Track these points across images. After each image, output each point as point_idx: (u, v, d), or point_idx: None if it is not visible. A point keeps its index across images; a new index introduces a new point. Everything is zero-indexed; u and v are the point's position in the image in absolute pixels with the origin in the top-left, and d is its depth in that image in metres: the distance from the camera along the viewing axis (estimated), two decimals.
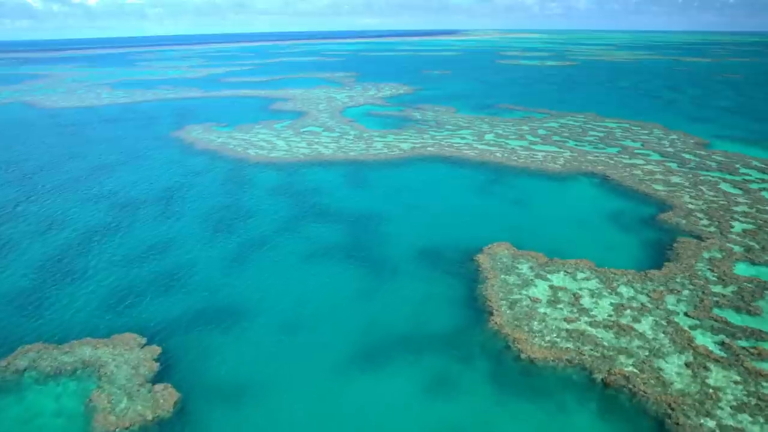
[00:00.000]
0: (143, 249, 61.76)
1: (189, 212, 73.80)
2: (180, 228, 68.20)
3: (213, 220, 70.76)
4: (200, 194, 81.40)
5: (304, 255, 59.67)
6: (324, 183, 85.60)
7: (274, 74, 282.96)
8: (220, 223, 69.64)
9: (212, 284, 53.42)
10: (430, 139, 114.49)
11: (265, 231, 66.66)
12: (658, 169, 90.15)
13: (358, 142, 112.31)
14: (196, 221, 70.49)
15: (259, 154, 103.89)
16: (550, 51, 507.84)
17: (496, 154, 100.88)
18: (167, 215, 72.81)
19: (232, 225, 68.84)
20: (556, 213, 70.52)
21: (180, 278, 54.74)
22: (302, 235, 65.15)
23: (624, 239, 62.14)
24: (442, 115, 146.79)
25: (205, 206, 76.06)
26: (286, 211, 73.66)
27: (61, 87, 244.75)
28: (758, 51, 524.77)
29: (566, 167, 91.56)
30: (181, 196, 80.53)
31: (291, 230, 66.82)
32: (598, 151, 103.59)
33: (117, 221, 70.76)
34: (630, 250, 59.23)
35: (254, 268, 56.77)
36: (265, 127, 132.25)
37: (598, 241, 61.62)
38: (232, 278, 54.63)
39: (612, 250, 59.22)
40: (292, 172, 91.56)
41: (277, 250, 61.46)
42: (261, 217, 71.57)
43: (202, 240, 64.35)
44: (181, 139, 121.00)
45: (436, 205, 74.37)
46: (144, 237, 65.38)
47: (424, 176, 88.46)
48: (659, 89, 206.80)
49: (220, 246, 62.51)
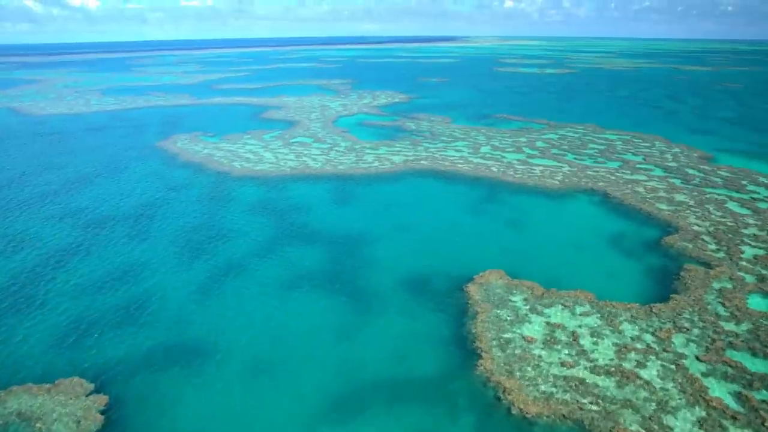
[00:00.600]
0: (103, 275, 57.08)
1: (160, 232, 69.16)
2: (147, 250, 63.54)
3: (184, 241, 66.14)
4: (175, 212, 76.80)
5: (281, 283, 55.07)
6: (309, 199, 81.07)
7: (269, 81, 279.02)
8: (192, 245, 65.01)
9: (176, 318, 48.77)
10: (423, 152, 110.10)
11: (241, 254, 62.04)
12: (661, 186, 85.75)
13: (348, 155, 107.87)
14: (166, 243, 65.85)
15: (244, 167, 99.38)
16: (550, 58, 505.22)
17: (491, 169, 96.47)
18: (135, 235, 68.16)
19: (205, 247, 64.21)
20: (553, 235, 65.99)
21: (140, 311, 50.07)
22: (280, 260, 60.56)
23: (626, 266, 57.59)
24: (437, 125, 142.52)
25: (178, 226, 71.44)
26: (266, 231, 69.09)
27: (51, 93, 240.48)
28: (758, 60, 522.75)
29: (565, 183, 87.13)
30: (155, 214, 75.92)
31: (269, 254, 62.21)
32: (599, 165, 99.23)
33: (80, 242, 66.08)
34: (633, 279, 54.68)
35: (225, 299, 52.16)
36: (254, 137, 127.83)
37: (599, 268, 57.07)
38: (198, 311, 49.98)
39: (614, 278, 54.69)
40: (277, 187, 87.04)
41: (252, 277, 56.87)
42: (237, 238, 66.97)
43: (170, 265, 59.71)
44: (165, 149, 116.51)
45: (426, 226, 69.82)
46: (106, 261, 60.68)
47: (415, 193, 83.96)
48: (659, 99, 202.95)
49: (190, 272, 57.88)
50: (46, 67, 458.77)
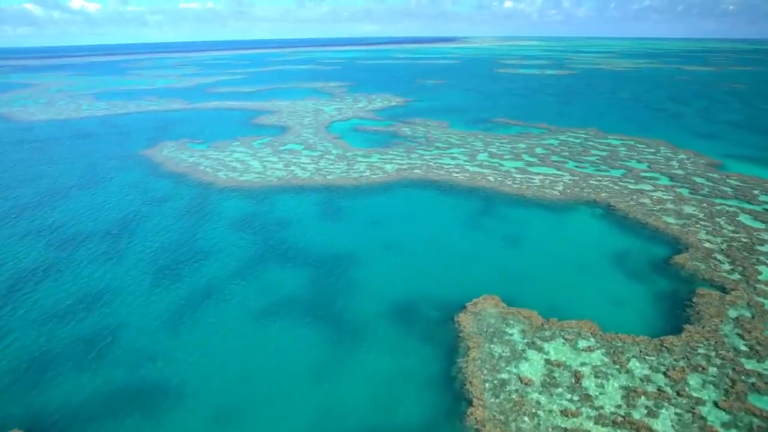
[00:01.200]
0: (67, 302, 52.53)
1: (135, 252, 64.56)
2: (120, 273, 58.97)
3: (160, 262, 61.55)
4: (153, 228, 72.22)
5: (259, 312, 50.45)
6: (293, 214, 76.46)
7: (265, 84, 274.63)
8: (168, 266, 60.41)
9: (142, 353, 44.17)
10: (417, 160, 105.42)
11: (217, 277, 57.45)
12: (669, 197, 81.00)
13: (338, 163, 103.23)
14: (140, 264, 61.28)
15: (229, 178, 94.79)
16: (550, 59, 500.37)
17: (488, 178, 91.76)
18: (109, 256, 63.57)
19: (181, 269, 59.61)
20: (553, 254, 61.26)
21: (103, 345, 45.49)
22: (259, 284, 55.95)
23: (633, 290, 52.84)
24: (433, 130, 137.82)
25: (154, 244, 66.85)
26: (246, 250, 64.48)
27: (43, 97, 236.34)
28: (761, 59, 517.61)
29: (566, 194, 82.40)
30: (132, 231, 71.36)
31: (247, 276, 57.60)
32: (601, 173, 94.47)
33: (49, 263, 61.53)
34: (641, 306, 49.96)
35: (197, 331, 47.55)
36: (243, 144, 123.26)
37: (603, 292, 52.36)
38: (168, 345, 45.37)
39: (620, 305, 49.99)
40: (261, 200, 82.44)
41: (228, 304, 52.29)
42: (215, 258, 62.36)
43: (141, 290, 55.14)
44: (149, 158, 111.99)
45: (417, 244, 65.11)
46: (72, 285, 56.14)
47: (407, 206, 79.26)
48: (662, 100, 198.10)
49: (161, 298, 53.29)
50: (43, 71, 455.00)
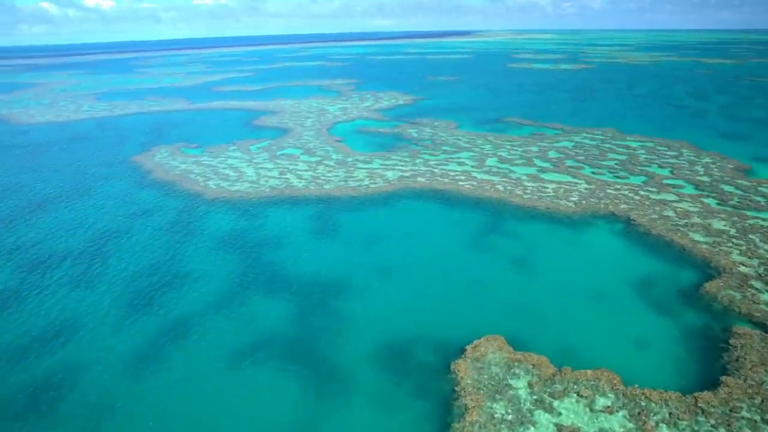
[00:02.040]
0: (26, 339, 47.20)
1: (108, 277, 59.12)
2: (88, 303, 53.58)
3: (133, 289, 56.04)
4: (131, 248, 66.78)
5: (232, 354, 44.62)
6: (284, 231, 70.55)
7: (271, 82, 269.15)
8: (141, 294, 54.90)
9: (96, 405, 38.59)
10: (422, 165, 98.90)
11: (193, 309, 51.76)
12: (695, 209, 73.73)
13: (337, 170, 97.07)
14: (111, 291, 55.84)
15: (220, 188, 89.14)
16: (564, 53, 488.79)
17: (497, 187, 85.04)
18: (80, 281, 58.22)
19: (155, 298, 54.05)
20: (567, 282, 54.61)
21: (54, 393, 40.00)
22: (238, 319, 50.14)
23: (659, 329, 46.10)
24: (440, 131, 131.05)
25: (130, 267, 61.37)
26: (228, 276, 58.70)
27: (46, 98, 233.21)
28: None
29: (581, 206, 75.45)
30: (108, 251, 65.97)
31: (225, 309, 51.81)
32: (620, 181, 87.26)
33: (13, 290, 56.31)
34: (668, 349, 43.25)
35: (164, 375, 41.94)
36: (240, 148, 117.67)
37: (624, 331, 45.70)
38: (126, 394, 39.76)
39: (643, 348, 43.35)
40: (250, 215, 76.65)
41: (203, 340, 46.64)
42: (194, 285, 56.68)
43: (108, 324, 49.66)
44: (140, 165, 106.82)
45: (414, 268, 58.81)
46: (35, 318, 50.84)
47: (406, 221, 72.89)
48: (682, 96, 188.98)
49: (128, 335, 47.72)
50: (52, 70, 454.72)
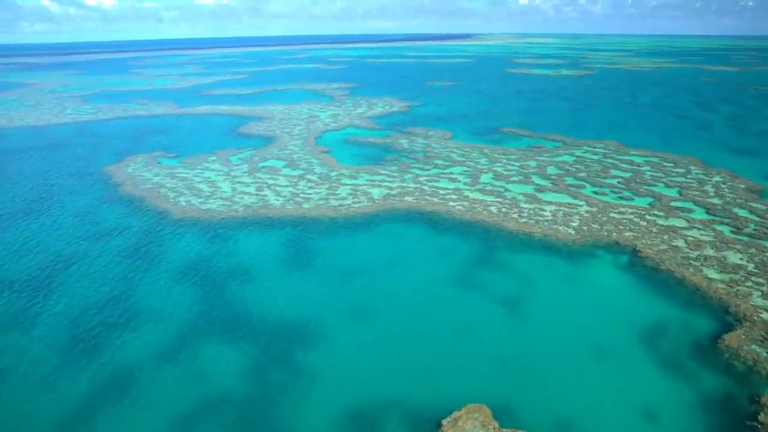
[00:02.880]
0: None
1: (50, 314, 52.25)
2: (21, 348, 46.82)
3: (77, 331, 49.21)
4: (84, 278, 59.85)
5: (176, 419, 37.90)
6: (253, 259, 63.65)
7: (265, 85, 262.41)
8: (85, 337, 48.10)
9: None
10: (411, 182, 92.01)
11: (139, 358, 44.95)
12: (707, 237, 66.95)
13: (319, 186, 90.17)
14: (51, 334, 49.05)
15: (190, 205, 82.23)
16: (565, 58, 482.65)
17: (490, 209, 78.21)
18: (18, 320, 51.35)
19: (100, 343, 47.24)
20: (564, 331, 47.73)
21: None
22: (188, 371, 43.35)
23: (670, 395, 39.24)
24: (434, 142, 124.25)
25: (77, 302, 54.48)
26: (184, 314, 51.83)
27: (32, 99, 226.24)
28: None
29: (582, 233, 68.60)
30: (56, 282, 59.05)
31: (176, 358, 44.99)
32: (624, 203, 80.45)
33: None
34: (682, 425, 36.34)
35: None
36: (220, 159, 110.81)
37: (629, 399, 38.85)
38: None
39: (652, 422, 36.47)
40: (219, 239, 69.75)
41: (141, 397, 40.11)
42: (146, 326, 49.82)
43: (45, 372, 43.13)
44: (110, 176, 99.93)
45: (392, 311, 51.88)
46: None
47: (389, 249, 65.90)
48: (687, 106, 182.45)
49: (59, 393, 40.91)
50: (47, 69, 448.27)
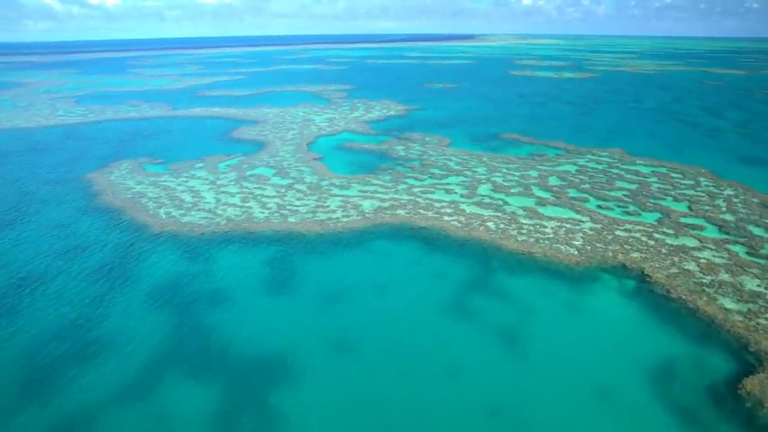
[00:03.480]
0: None
1: (7, 345, 47.64)
2: None
3: (32, 365, 44.76)
4: (48, 301, 55.29)
5: None
6: (230, 280, 58.99)
7: (262, 87, 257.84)
8: (39, 373, 43.63)
9: None
10: (404, 193, 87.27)
11: (97, 398, 40.47)
12: (721, 260, 62.12)
13: (308, 198, 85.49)
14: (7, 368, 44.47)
15: (170, 218, 77.62)
16: (568, 59, 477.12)
17: (488, 224, 73.45)
18: None
19: (55, 379, 42.76)
20: (565, 370, 42.97)
21: None
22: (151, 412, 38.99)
23: None
24: (431, 149, 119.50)
25: (37, 330, 49.86)
26: (151, 346, 47.25)
27: (24, 100, 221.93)
28: None
29: (586, 254, 63.78)
30: (16, 305, 54.43)
31: (137, 398, 40.48)
32: (631, 218, 75.63)
33: None
34: None
35: None
36: (207, 166, 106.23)
37: None
38: None
39: None
40: (197, 256, 65.11)
41: None
42: (109, 359, 45.28)
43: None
44: (92, 184, 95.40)
45: (379, 345, 47.17)
46: None
47: (377, 271, 61.18)
48: (694, 112, 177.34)
49: None
50: (45, 68, 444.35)
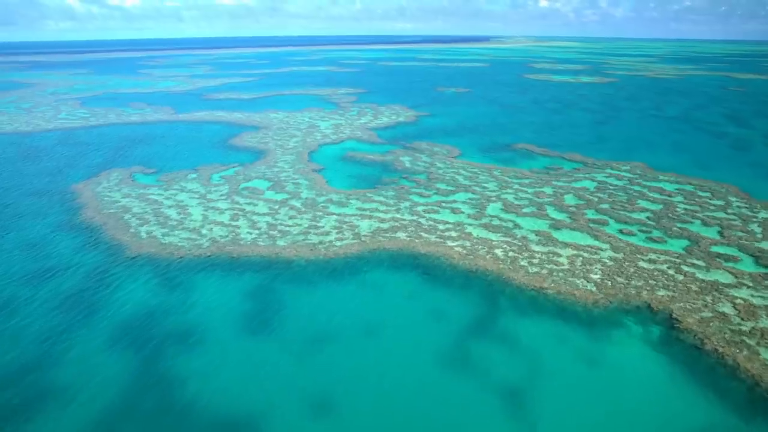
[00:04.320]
0: None
1: None
2: None
3: None
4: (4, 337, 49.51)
5: None
6: (206, 317, 52.75)
7: (271, 89, 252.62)
8: None
9: None
10: (407, 212, 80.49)
11: None
12: (761, 301, 54.53)
13: (302, 216, 79.12)
14: None
15: (151, 237, 71.72)
16: (585, 63, 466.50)
17: (496, 251, 66.42)
18: None
19: None
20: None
21: None
22: None
23: None
24: (438, 161, 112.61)
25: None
26: (107, 399, 41.11)
27: (29, 102, 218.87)
28: None
29: (605, 290, 56.54)
30: None
31: None
32: (655, 246, 68.13)
33: None
34: None
35: None
36: (200, 177, 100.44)
37: None
38: None
39: None
40: (173, 284, 58.97)
41: None
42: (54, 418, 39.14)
43: None
44: (76, 197, 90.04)
45: (364, 404, 40.54)
46: None
47: (369, 308, 54.49)
48: (719, 120, 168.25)
49: None
50: (59, 68, 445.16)
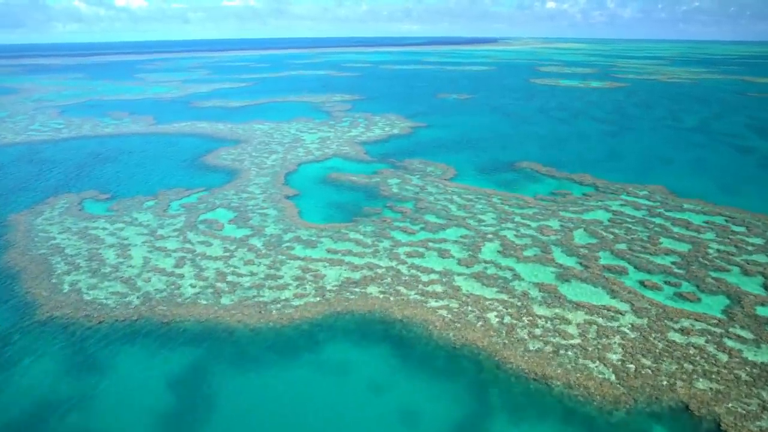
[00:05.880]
0: None
1: None
2: None
3: None
4: None
5: None
6: (117, 419, 40.18)
7: (263, 96, 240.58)
8: None
9: None
10: (385, 257, 67.55)
11: None
12: None
13: (259, 261, 66.44)
14: None
15: (73, 291, 59.15)
16: (594, 66, 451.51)
17: (488, 316, 53.48)
18: None
19: None
20: None
21: None
22: None
23: None
24: (430, 184, 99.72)
25: None
26: None
27: (6, 110, 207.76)
28: None
29: (627, 381, 43.49)
30: None
31: None
32: (687, 308, 54.97)
33: None
34: None
35: None
36: (157, 205, 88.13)
37: None
38: None
39: None
40: (82, 367, 46.44)
41: None
42: None
43: None
44: (8, 231, 77.85)
45: None
46: None
47: (322, 405, 41.62)
48: (743, 132, 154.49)
49: None
50: (53, 72, 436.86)
